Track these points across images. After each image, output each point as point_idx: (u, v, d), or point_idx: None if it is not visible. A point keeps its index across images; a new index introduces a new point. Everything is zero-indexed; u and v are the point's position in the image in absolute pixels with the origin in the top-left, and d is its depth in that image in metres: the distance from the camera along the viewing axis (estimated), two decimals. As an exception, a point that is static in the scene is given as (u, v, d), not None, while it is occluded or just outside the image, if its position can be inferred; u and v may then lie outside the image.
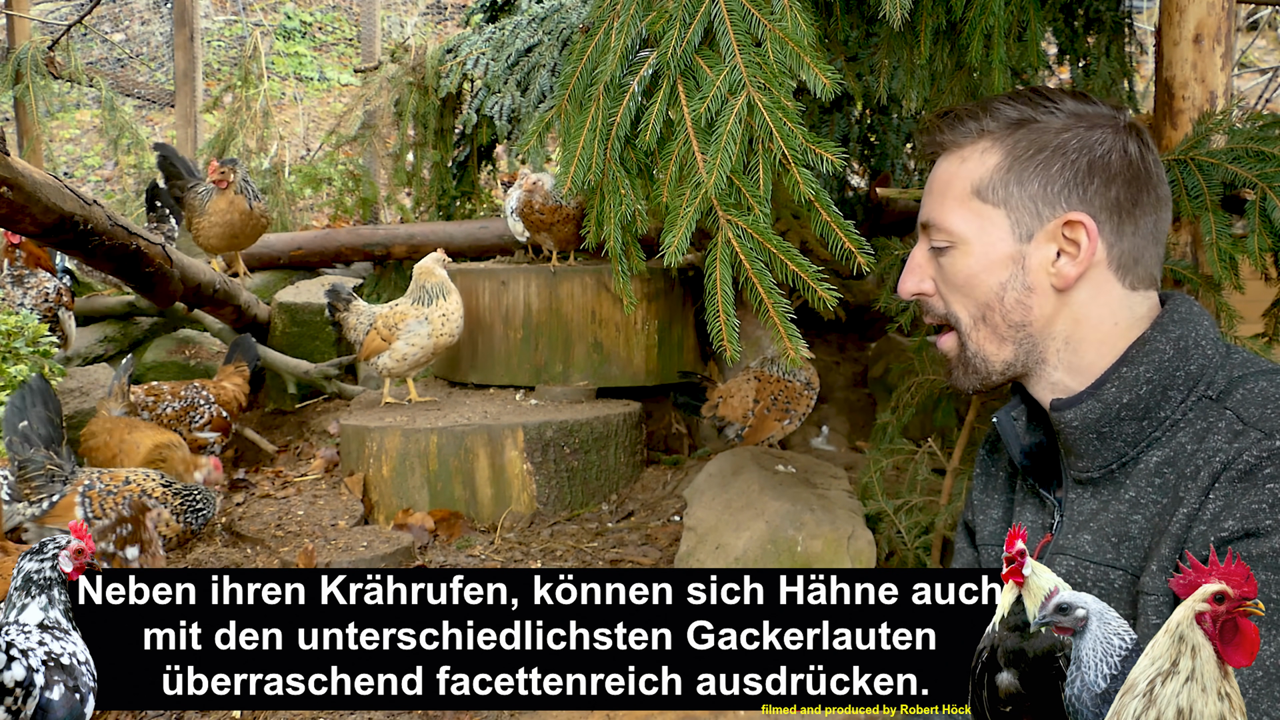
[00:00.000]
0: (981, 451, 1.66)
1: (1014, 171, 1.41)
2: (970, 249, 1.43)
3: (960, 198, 1.44)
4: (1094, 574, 1.37)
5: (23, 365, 3.71)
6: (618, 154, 1.90)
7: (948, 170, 1.47)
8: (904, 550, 3.03)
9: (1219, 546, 1.24)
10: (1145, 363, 1.38)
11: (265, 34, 9.66)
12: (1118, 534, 1.37)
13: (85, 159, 8.76)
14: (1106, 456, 1.40)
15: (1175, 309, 1.42)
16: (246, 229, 4.57)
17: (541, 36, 4.81)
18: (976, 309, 1.45)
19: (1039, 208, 1.41)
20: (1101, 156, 1.40)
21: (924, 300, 1.51)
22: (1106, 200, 1.40)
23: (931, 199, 1.48)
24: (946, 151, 1.48)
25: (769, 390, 3.71)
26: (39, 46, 6.20)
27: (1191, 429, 1.35)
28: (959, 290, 1.45)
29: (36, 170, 2.93)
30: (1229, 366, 1.38)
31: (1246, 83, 7.31)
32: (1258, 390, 1.33)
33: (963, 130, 1.45)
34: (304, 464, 4.18)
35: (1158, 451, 1.37)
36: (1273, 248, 2.21)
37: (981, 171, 1.43)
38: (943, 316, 1.49)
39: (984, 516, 1.61)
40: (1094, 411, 1.39)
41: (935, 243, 1.46)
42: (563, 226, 4.13)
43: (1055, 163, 1.40)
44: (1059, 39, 3.36)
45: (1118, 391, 1.38)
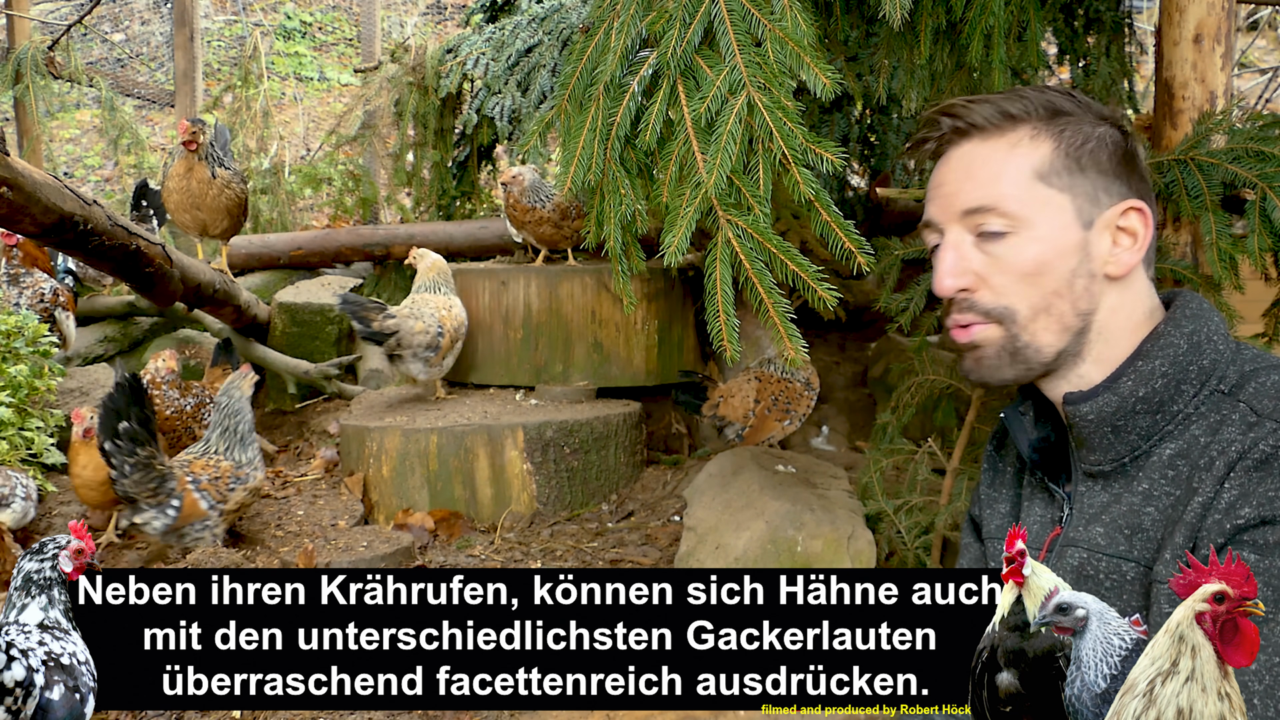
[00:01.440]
0: (989, 448, 1.67)
1: (1071, 158, 1.40)
2: (1036, 233, 1.39)
3: (1021, 181, 1.39)
4: (1106, 566, 1.37)
5: (23, 365, 3.71)
6: (618, 154, 1.90)
7: (991, 154, 1.41)
8: (904, 550, 3.03)
9: (1235, 534, 1.25)
10: (1160, 356, 1.39)
11: (265, 34, 9.67)
12: (1130, 526, 1.37)
13: (85, 159, 8.76)
14: (1120, 450, 1.40)
15: (1187, 304, 1.43)
16: (207, 199, 4.15)
17: (541, 36, 4.82)
18: (1041, 298, 1.40)
19: (1099, 195, 1.41)
20: (1131, 149, 1.43)
21: (966, 297, 1.44)
22: (1144, 190, 1.43)
23: (972, 183, 1.41)
24: (979, 134, 1.42)
25: (770, 390, 3.71)
26: (39, 46, 6.19)
27: (1205, 422, 1.36)
28: (1024, 278, 1.40)
29: (36, 170, 2.92)
30: (1240, 361, 1.39)
31: (1246, 83, 7.31)
32: (1270, 383, 1.34)
33: (1005, 111, 1.41)
34: (304, 464, 4.18)
35: (1170, 444, 1.37)
36: (1273, 248, 2.21)
37: (1039, 156, 1.40)
38: (986, 313, 1.43)
39: (991, 511, 1.61)
40: (1110, 405, 1.39)
41: (989, 227, 1.40)
42: (538, 227, 4.18)
43: (1102, 152, 1.42)
44: (1059, 39, 3.36)
45: (1134, 385, 1.39)
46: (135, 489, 2.98)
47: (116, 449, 2.94)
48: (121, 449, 2.94)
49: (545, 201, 4.12)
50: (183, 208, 4.27)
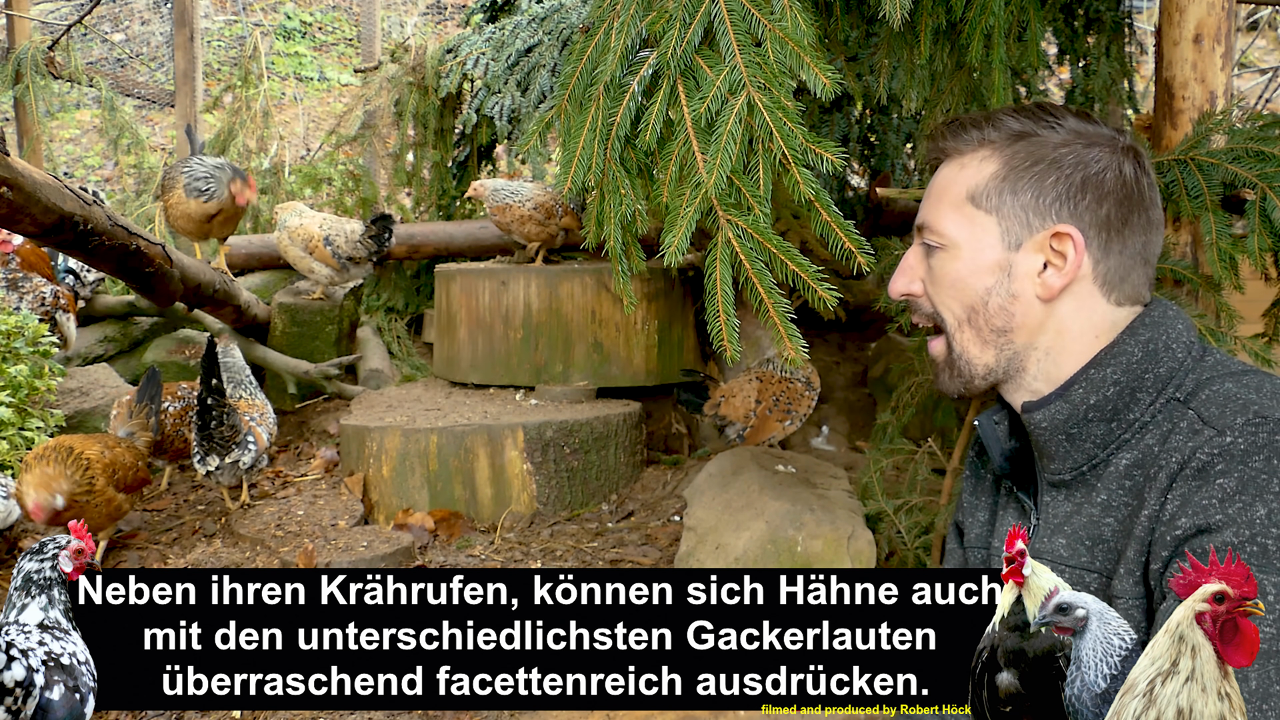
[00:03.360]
0: (971, 453, 1.68)
1: (1009, 181, 1.44)
2: (959, 252, 1.46)
3: (955, 202, 1.47)
4: (1069, 577, 1.38)
5: (23, 365, 3.71)
6: (618, 154, 1.90)
7: (947, 175, 1.50)
8: (904, 550, 3.03)
9: (1176, 546, 1.25)
10: (1113, 365, 1.39)
11: (265, 34, 9.66)
12: (1091, 537, 1.38)
13: (85, 159, 8.76)
14: (1076, 458, 1.41)
15: (1149, 313, 1.43)
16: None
17: (541, 36, 4.82)
18: (961, 310, 1.48)
19: (1029, 218, 1.43)
20: (1096, 174, 1.42)
21: (912, 300, 1.54)
22: (1097, 217, 1.42)
23: (929, 202, 1.52)
24: (949, 158, 1.51)
25: (771, 391, 3.71)
26: (39, 46, 6.19)
27: (1158, 430, 1.36)
28: (945, 291, 1.48)
29: (36, 170, 2.92)
30: (1200, 369, 1.39)
31: (1246, 83, 7.31)
32: (1221, 391, 1.33)
33: (965, 138, 1.48)
34: (304, 464, 4.18)
35: (1127, 454, 1.38)
36: (1273, 248, 2.21)
37: (978, 178, 1.46)
38: (929, 317, 1.53)
39: (971, 519, 1.62)
40: (1062, 412, 1.40)
41: (928, 241, 1.50)
42: (522, 225, 4.26)
43: (1050, 175, 1.42)
44: (1059, 39, 3.36)
45: (1085, 393, 1.39)
46: (229, 434, 3.49)
47: (216, 402, 3.45)
48: (219, 402, 3.45)
49: (519, 199, 4.20)
50: (193, 222, 4.37)
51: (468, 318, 4.24)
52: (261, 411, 3.78)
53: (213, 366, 3.44)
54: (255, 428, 3.65)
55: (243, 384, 3.85)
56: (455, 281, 4.29)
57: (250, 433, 3.60)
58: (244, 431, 3.57)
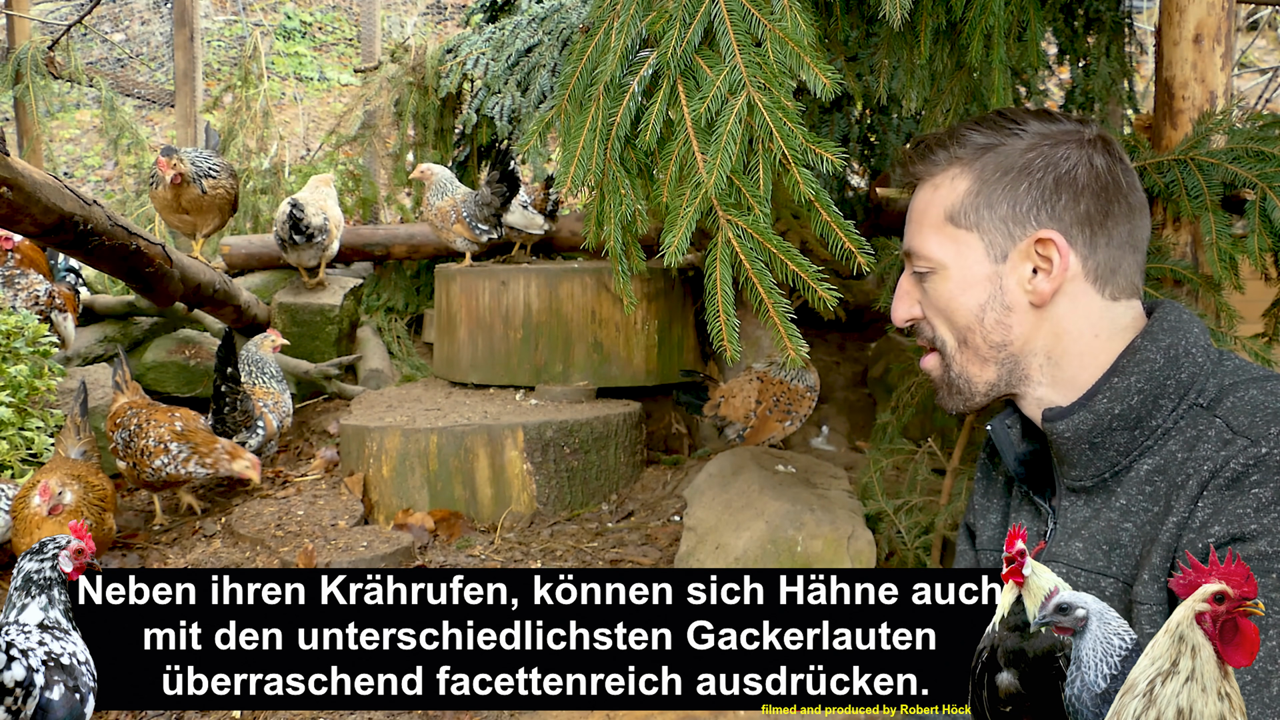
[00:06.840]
0: (982, 455, 1.67)
1: (983, 195, 1.44)
2: (949, 273, 1.46)
3: (935, 224, 1.47)
4: (1085, 581, 1.37)
5: (23, 365, 3.71)
6: (618, 154, 1.90)
7: (923, 199, 1.50)
8: (904, 550, 3.03)
9: (1206, 554, 1.24)
10: (1136, 372, 1.38)
11: (265, 34, 9.67)
12: (1109, 542, 1.37)
13: (85, 159, 8.76)
14: (1099, 466, 1.40)
15: (1165, 317, 1.43)
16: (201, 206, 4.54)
17: (541, 36, 4.81)
18: (958, 332, 1.48)
19: (1010, 228, 1.43)
20: (1067, 172, 1.42)
21: (916, 324, 1.55)
22: (1076, 214, 1.42)
23: (911, 228, 1.52)
24: (921, 181, 1.51)
25: (771, 391, 3.71)
26: (39, 46, 6.19)
27: (1182, 437, 1.35)
28: (941, 314, 1.48)
29: (36, 170, 2.92)
30: (1220, 374, 1.39)
31: (1246, 83, 7.31)
32: (1247, 398, 1.33)
33: (933, 160, 1.48)
34: (304, 464, 4.18)
35: (1149, 459, 1.37)
36: (1273, 248, 2.21)
37: (953, 198, 1.46)
38: (930, 340, 1.53)
39: (984, 521, 1.61)
40: (1086, 423, 1.40)
41: (917, 268, 1.50)
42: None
43: (1022, 183, 1.42)
44: (1059, 39, 3.36)
45: (1109, 402, 1.39)
46: (242, 419, 3.74)
47: (230, 389, 3.69)
48: (233, 389, 3.69)
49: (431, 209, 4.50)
50: (170, 210, 4.48)
51: (468, 318, 4.24)
52: (276, 400, 3.99)
53: (229, 356, 3.68)
54: (267, 414, 3.90)
55: (265, 375, 4.04)
56: (455, 281, 4.29)
57: (261, 418, 3.87)
58: (255, 416, 3.83)
